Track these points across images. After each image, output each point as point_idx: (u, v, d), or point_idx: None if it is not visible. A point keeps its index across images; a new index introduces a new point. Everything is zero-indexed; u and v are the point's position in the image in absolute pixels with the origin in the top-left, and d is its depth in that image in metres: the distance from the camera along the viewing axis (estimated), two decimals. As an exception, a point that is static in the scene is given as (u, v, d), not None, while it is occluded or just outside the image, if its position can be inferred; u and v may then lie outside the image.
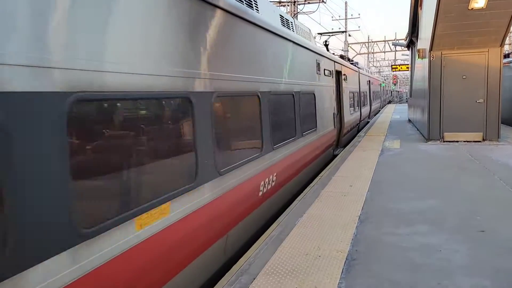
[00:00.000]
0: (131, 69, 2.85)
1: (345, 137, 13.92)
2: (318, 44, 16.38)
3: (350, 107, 14.97)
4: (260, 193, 5.45)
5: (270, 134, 5.87)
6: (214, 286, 3.86)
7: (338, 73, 12.89)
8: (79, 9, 2.39)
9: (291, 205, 6.24)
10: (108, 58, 2.62)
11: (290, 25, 8.53)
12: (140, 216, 2.95)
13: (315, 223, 5.30)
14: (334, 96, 11.68)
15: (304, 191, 7.08)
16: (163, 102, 3.37)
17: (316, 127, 9.14)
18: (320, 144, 9.58)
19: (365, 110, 21.21)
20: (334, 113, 11.48)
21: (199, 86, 3.87)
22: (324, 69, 10.45)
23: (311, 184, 7.56)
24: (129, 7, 2.90)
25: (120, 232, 2.72)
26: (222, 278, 3.91)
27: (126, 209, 2.82)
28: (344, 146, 13.10)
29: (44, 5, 2.17)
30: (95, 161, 2.57)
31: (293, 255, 4.31)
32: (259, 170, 5.39)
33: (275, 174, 6.03)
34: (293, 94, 7.33)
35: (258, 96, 5.48)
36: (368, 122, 22.61)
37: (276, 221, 5.55)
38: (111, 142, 2.72)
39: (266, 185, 5.71)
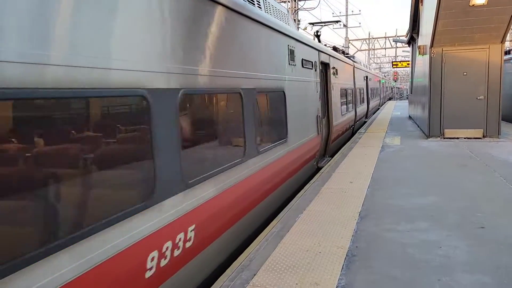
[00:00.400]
0: None
1: (335, 143, 11.98)
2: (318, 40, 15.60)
3: (341, 106, 12.77)
4: (149, 273, 3.07)
5: (179, 162, 3.54)
6: (214, 282, 3.87)
7: (326, 66, 10.83)
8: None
9: (291, 202, 6.25)
10: None
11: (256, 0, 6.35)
12: None
13: (316, 220, 5.31)
14: (318, 95, 9.54)
15: (304, 188, 7.08)
16: None
17: (286, 137, 6.90)
18: (293, 160, 7.28)
19: (361, 109, 19.35)
20: (318, 116, 9.34)
21: None
22: (302, 60, 8.27)
23: (312, 181, 7.56)
24: None
25: None
26: (223, 274, 3.92)
27: None
28: (333, 155, 11.07)
29: None
30: None
31: (294, 251, 4.32)
32: (147, 232, 3.05)
33: (192, 227, 3.67)
34: (240, 93, 5.01)
35: (144, 97, 3.13)
36: (365, 122, 20.85)
37: (276, 217, 5.56)
38: None
39: (168, 252, 3.33)
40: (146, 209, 3.07)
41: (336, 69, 12.09)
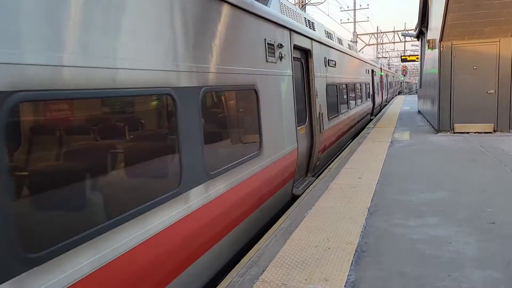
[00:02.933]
0: None
1: None
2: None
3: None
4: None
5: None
6: (224, 277, 3.90)
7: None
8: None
9: (300, 197, 6.25)
10: None
11: None
12: None
13: (324, 215, 5.30)
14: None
15: (313, 184, 7.08)
16: None
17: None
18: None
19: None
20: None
21: None
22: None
23: (321, 176, 7.55)
24: None
25: None
26: (232, 270, 3.94)
27: None
28: None
29: None
30: None
31: (303, 247, 4.32)
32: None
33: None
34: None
35: None
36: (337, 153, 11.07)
37: (285, 213, 5.57)
38: None
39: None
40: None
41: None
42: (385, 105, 30.40)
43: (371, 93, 19.64)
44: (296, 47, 7.09)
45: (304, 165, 7.57)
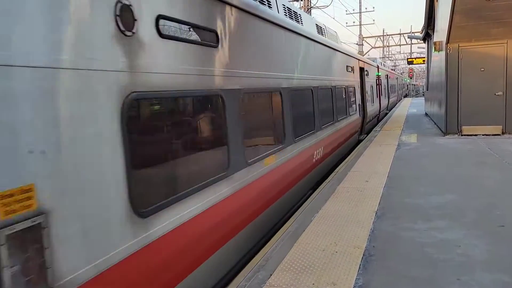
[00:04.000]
0: None
1: None
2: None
3: None
4: None
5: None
6: (231, 282, 3.89)
7: None
8: None
9: (307, 201, 6.24)
10: None
11: None
12: None
13: (332, 219, 5.29)
14: None
15: (320, 187, 7.06)
16: None
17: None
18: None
19: None
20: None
21: None
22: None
23: (327, 180, 7.53)
24: None
25: None
26: (239, 274, 3.94)
27: None
28: None
29: None
30: None
31: (310, 251, 4.31)
32: None
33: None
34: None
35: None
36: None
37: (292, 217, 5.56)
38: None
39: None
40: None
41: None
42: (386, 113, 24.76)
43: (358, 102, 13.54)
44: None
45: None
